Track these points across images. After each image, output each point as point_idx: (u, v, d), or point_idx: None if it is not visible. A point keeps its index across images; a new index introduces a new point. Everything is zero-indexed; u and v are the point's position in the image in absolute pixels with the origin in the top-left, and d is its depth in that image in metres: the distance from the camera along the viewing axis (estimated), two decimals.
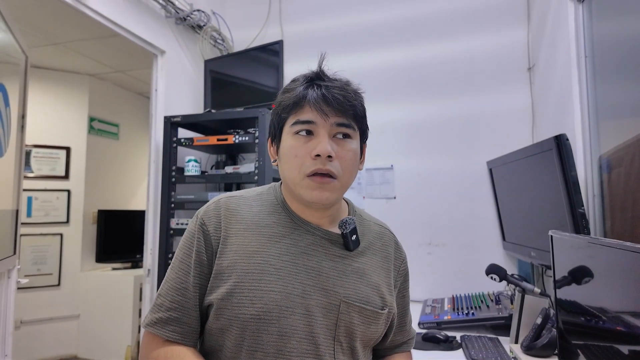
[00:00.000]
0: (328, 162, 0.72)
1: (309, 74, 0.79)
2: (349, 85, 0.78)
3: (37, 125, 3.45)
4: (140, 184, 4.17)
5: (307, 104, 0.74)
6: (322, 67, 0.80)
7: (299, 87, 0.76)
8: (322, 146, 0.72)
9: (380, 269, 0.82)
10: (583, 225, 1.21)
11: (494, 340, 1.44)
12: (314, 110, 0.73)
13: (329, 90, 0.74)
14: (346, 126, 0.75)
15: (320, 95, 0.73)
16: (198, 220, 0.78)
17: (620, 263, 0.80)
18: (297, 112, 0.75)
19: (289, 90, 0.78)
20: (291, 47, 2.45)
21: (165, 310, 0.75)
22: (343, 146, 0.75)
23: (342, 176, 0.74)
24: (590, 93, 1.46)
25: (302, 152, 0.73)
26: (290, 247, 0.76)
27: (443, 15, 2.23)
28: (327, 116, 0.73)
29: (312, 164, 0.72)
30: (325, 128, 0.73)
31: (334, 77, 0.79)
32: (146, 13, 2.18)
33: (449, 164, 2.16)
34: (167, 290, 0.76)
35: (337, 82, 0.77)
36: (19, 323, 3.29)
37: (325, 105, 0.73)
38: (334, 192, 0.75)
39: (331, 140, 0.74)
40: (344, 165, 0.74)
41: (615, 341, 0.82)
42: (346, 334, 0.75)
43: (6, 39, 1.57)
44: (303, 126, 0.74)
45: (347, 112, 0.74)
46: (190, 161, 2.19)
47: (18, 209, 1.76)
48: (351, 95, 0.75)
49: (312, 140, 0.73)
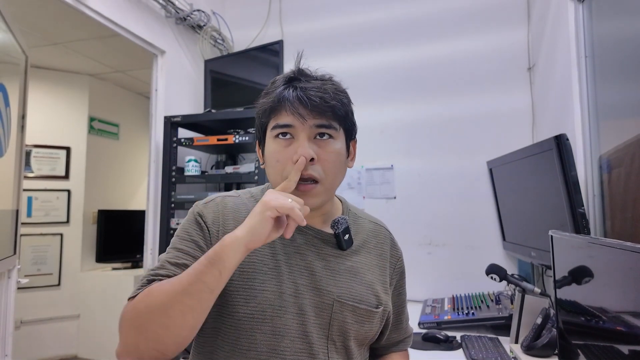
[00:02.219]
0: (309, 165, 0.71)
1: (288, 73, 0.77)
2: (328, 83, 0.75)
3: (37, 125, 3.45)
4: (140, 183, 4.17)
5: (284, 107, 0.72)
6: (299, 66, 0.78)
7: (276, 89, 0.75)
8: (302, 149, 0.70)
9: (375, 267, 0.83)
10: (583, 225, 1.21)
11: (494, 340, 1.44)
12: (290, 114, 0.71)
13: (305, 91, 0.72)
14: (326, 127, 0.73)
15: (296, 97, 0.71)
16: (195, 212, 0.77)
17: (620, 263, 0.80)
18: (275, 116, 0.74)
19: (268, 93, 0.77)
20: (291, 47, 2.44)
21: (155, 276, 0.69)
22: (325, 148, 0.73)
23: (325, 179, 0.73)
24: (590, 93, 1.46)
25: (283, 156, 0.72)
26: (283, 247, 0.76)
27: (443, 15, 2.23)
28: (304, 119, 0.71)
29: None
30: (305, 131, 0.72)
31: (314, 75, 0.77)
32: (146, 13, 2.18)
33: (449, 164, 2.16)
34: (163, 263, 0.72)
35: (315, 81, 0.74)
36: (19, 323, 3.29)
37: (301, 108, 0.71)
38: (318, 196, 0.73)
39: (312, 142, 0.72)
40: (326, 167, 0.73)
41: (616, 341, 0.82)
42: (339, 333, 0.75)
43: (6, 39, 1.57)
44: (282, 130, 0.72)
45: (325, 113, 0.72)
46: (191, 161, 2.19)
47: (18, 209, 1.76)
48: (329, 95, 0.72)
49: (293, 144, 0.72)
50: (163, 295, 0.62)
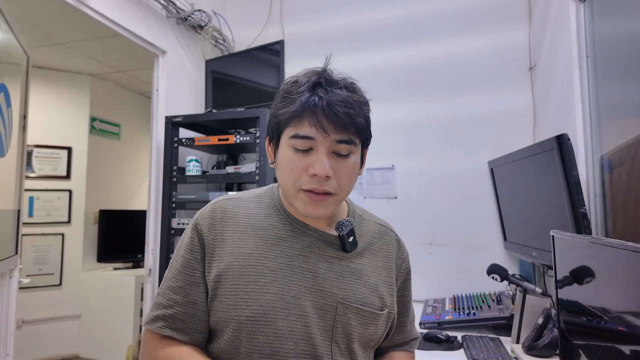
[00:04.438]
0: (325, 181, 0.70)
1: (312, 77, 0.72)
2: (354, 95, 0.72)
3: (39, 126, 3.46)
4: (141, 183, 4.18)
5: (306, 118, 0.69)
6: (327, 70, 0.74)
7: (300, 95, 0.70)
8: (319, 167, 0.68)
9: (380, 268, 0.82)
10: (585, 225, 1.21)
11: (495, 340, 1.44)
12: (313, 127, 0.69)
13: (330, 105, 0.68)
14: (347, 142, 0.71)
15: (321, 109, 0.68)
16: (193, 222, 0.80)
17: (621, 263, 0.80)
18: (296, 125, 0.70)
19: (289, 95, 0.72)
20: (292, 47, 2.45)
21: (162, 308, 0.76)
22: (342, 162, 0.72)
23: (339, 191, 0.72)
24: (591, 92, 1.46)
25: (298, 166, 0.70)
26: (286, 249, 0.76)
27: (444, 15, 2.23)
28: (327, 133, 0.69)
29: (308, 181, 0.70)
30: (325, 145, 0.69)
31: (339, 80, 0.73)
32: (147, 13, 2.18)
33: (450, 164, 2.16)
34: (165, 289, 0.77)
35: (340, 91, 0.70)
36: (20, 323, 3.30)
37: (325, 121, 0.68)
38: (330, 206, 0.73)
39: (330, 156, 0.70)
40: (342, 181, 0.72)
41: (617, 341, 0.82)
42: (343, 335, 0.75)
43: (8, 39, 1.58)
44: (302, 142, 0.70)
45: (349, 129, 0.70)
46: (192, 161, 2.19)
47: (20, 209, 1.76)
48: (354, 110, 0.70)
49: (310, 155, 0.70)
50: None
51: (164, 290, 0.77)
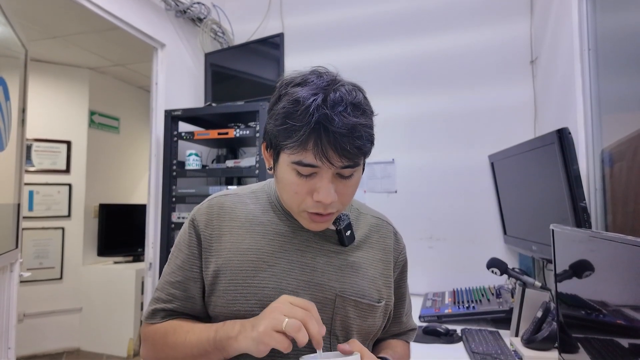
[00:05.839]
0: (330, 205, 0.69)
1: (317, 97, 0.64)
2: (361, 118, 0.66)
3: (38, 119, 3.45)
4: (141, 177, 4.17)
5: (312, 150, 0.64)
6: (330, 83, 0.67)
7: (303, 124, 0.63)
8: (324, 195, 0.67)
9: (378, 261, 0.83)
10: (584, 219, 1.21)
11: (494, 334, 1.45)
12: (318, 159, 0.65)
13: (337, 139, 0.63)
14: (352, 167, 0.68)
15: (327, 142, 0.63)
16: (190, 218, 0.80)
17: (621, 257, 0.80)
18: (299, 152, 0.65)
19: (290, 120, 0.65)
20: (292, 40, 2.44)
21: (162, 302, 0.77)
22: (346, 183, 0.70)
23: (342, 208, 0.73)
24: (593, 86, 1.45)
25: (302, 190, 0.69)
26: (284, 244, 0.76)
27: (445, 8, 2.21)
28: (331, 163, 0.65)
29: (313, 205, 0.69)
30: (330, 172, 0.67)
31: (344, 93, 0.66)
32: (146, 6, 2.16)
33: (451, 158, 2.15)
34: (164, 284, 0.78)
35: (347, 119, 0.64)
36: (21, 316, 3.31)
37: (332, 154, 0.64)
38: (332, 220, 0.75)
39: (334, 177, 0.68)
40: (345, 199, 0.71)
41: (616, 334, 0.83)
42: (342, 327, 0.75)
43: (6, 33, 1.57)
44: (305, 169, 0.67)
45: (355, 157, 0.67)
46: (191, 155, 2.19)
47: (19, 203, 1.76)
48: (362, 140, 0.65)
49: (314, 179, 0.68)
50: (173, 351, 0.73)
51: (162, 285, 0.78)
